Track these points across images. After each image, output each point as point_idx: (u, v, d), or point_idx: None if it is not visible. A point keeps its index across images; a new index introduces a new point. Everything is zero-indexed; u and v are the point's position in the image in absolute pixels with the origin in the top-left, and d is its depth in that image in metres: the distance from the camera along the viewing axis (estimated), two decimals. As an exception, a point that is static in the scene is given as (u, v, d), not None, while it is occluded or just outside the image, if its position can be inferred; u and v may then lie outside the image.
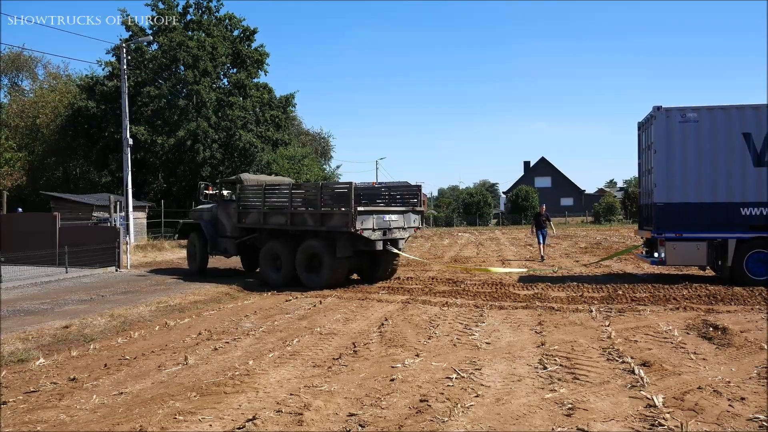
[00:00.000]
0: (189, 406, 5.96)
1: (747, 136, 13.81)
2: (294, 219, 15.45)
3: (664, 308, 11.09)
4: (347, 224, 14.18)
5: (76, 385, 6.88)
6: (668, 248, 14.13)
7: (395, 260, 16.50)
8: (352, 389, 6.46)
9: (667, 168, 14.22)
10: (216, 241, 17.85)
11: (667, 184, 14.21)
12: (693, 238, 14.00)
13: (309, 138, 59.84)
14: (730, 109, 14.00)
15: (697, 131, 14.06)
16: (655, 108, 14.39)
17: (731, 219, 13.77)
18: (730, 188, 13.86)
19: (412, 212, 16.04)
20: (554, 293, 13.21)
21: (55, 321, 10.57)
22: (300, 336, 9.22)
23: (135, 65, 37.83)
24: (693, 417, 5.37)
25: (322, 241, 14.96)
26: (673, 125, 14.16)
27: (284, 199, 15.94)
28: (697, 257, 14.12)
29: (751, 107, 13.91)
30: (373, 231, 14.67)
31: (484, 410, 5.70)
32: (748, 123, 13.84)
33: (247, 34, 42.45)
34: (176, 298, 13.35)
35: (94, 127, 38.81)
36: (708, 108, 14.09)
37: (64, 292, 14.30)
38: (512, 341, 8.69)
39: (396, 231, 15.44)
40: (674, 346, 8.09)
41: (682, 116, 14.12)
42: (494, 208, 76.48)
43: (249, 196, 16.85)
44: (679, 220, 14.07)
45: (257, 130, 40.93)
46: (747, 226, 13.72)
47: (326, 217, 14.73)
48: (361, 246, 14.88)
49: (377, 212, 14.98)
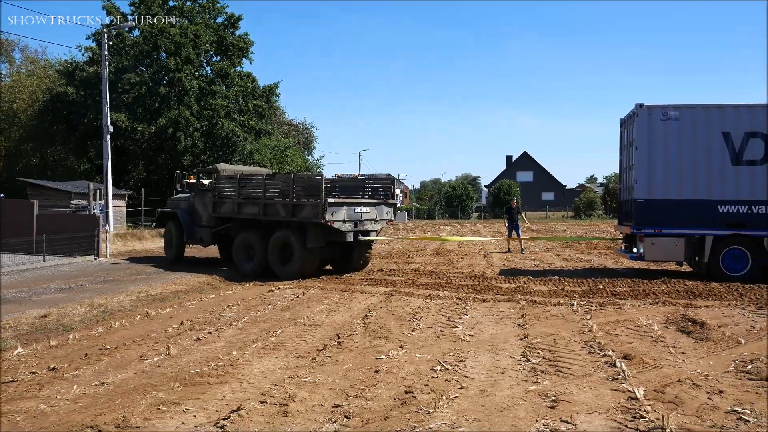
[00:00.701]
0: (172, 396, 5.91)
1: (726, 135, 14.01)
2: (267, 209, 15.63)
3: (644, 303, 11.20)
4: (318, 215, 14.36)
5: (56, 375, 6.80)
6: (647, 244, 14.31)
7: (368, 252, 16.80)
8: (336, 380, 6.45)
9: (647, 165, 14.38)
10: (192, 230, 17.95)
11: (647, 181, 14.38)
12: (671, 234, 14.20)
13: (292, 128, 59.51)
14: (711, 108, 14.18)
15: (678, 129, 14.23)
16: (638, 105, 14.54)
17: (709, 216, 13.98)
18: (709, 186, 14.06)
19: (384, 205, 16.24)
20: (536, 287, 13.29)
21: (33, 310, 10.43)
22: (283, 327, 9.19)
23: (116, 51, 37.33)
24: (674, 409, 5.44)
25: (293, 231, 15.10)
26: (655, 123, 14.32)
27: (258, 190, 16.08)
28: (675, 253, 14.35)
29: (730, 107, 14.11)
30: (344, 222, 14.87)
31: (468, 402, 5.72)
32: (728, 122, 14.04)
33: (232, 21, 42.01)
34: (157, 287, 13.25)
35: (73, 114, 38.25)
36: (689, 106, 14.27)
37: (42, 280, 14.12)
38: (495, 334, 8.73)
39: (367, 223, 15.64)
40: (654, 340, 8.19)
41: (664, 114, 14.28)
42: (476, 202, 76.71)
43: (224, 186, 16.98)
44: (659, 217, 14.25)
45: (240, 119, 40.61)
46: (724, 224, 13.93)
47: (298, 207, 14.92)
48: (333, 237, 15.06)
49: (348, 204, 15.20)
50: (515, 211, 22.83)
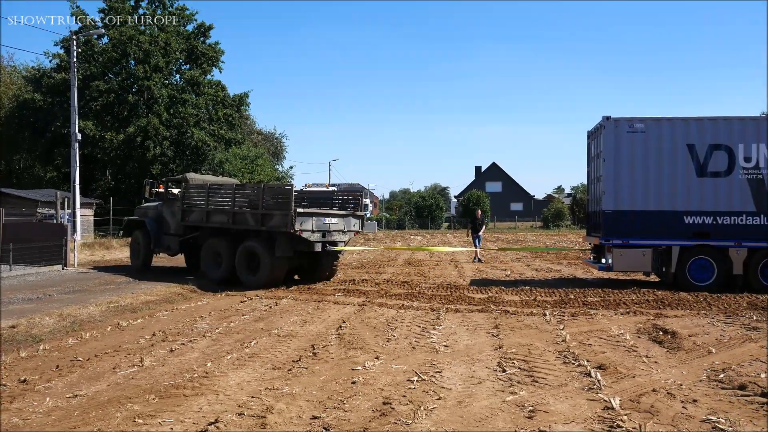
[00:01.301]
0: (148, 409, 5.83)
1: (691, 147, 14.35)
2: (236, 218, 15.75)
3: (615, 312, 11.37)
4: (287, 225, 14.52)
5: (28, 387, 6.65)
6: (615, 254, 14.54)
7: (335, 262, 17.02)
8: (313, 392, 6.42)
9: (615, 176, 14.64)
10: (160, 238, 17.98)
11: (614, 192, 14.63)
12: (639, 245, 14.45)
13: (262, 138, 59.32)
14: (675, 121, 14.51)
15: (644, 141, 14.51)
16: (604, 118, 14.82)
17: (675, 227, 14.27)
18: (675, 197, 14.36)
19: (352, 216, 16.61)
20: (508, 297, 13.40)
21: (1, 320, 10.20)
22: (257, 338, 9.13)
23: (84, 58, 36.86)
24: (650, 419, 5.52)
25: (262, 240, 15.27)
26: (621, 135, 14.59)
27: (227, 199, 16.19)
28: (642, 263, 14.59)
29: (694, 119, 14.46)
30: (313, 232, 15.07)
31: (447, 413, 5.74)
32: (692, 134, 14.37)
33: (203, 30, 41.81)
34: (127, 297, 13.04)
35: (40, 121, 37.64)
36: (655, 119, 14.58)
37: (9, 290, 13.81)
38: (470, 344, 8.78)
39: (335, 234, 15.88)
40: (627, 350, 8.31)
41: (630, 126, 14.56)
42: (446, 212, 77.11)
43: (193, 195, 17.06)
44: (626, 228, 14.49)
45: (210, 128, 40.35)
46: (690, 234, 14.24)
47: (267, 217, 15.03)
48: (301, 247, 15.21)
49: (317, 215, 15.45)
50: (480, 222, 23.51)
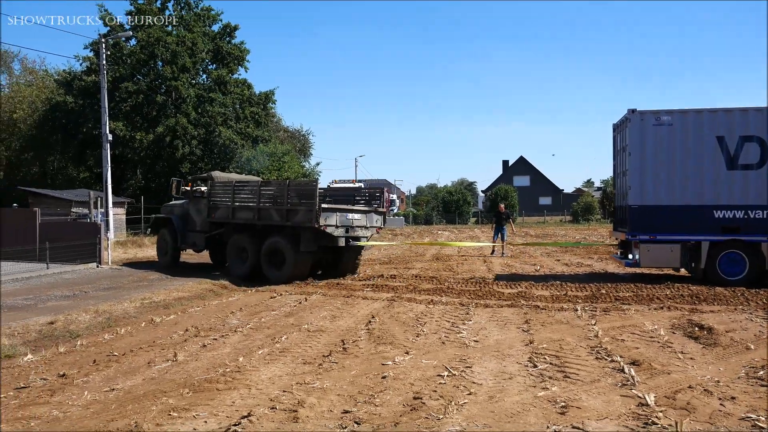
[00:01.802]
0: (182, 402, 5.92)
1: (720, 139, 14.01)
2: (261, 214, 16.06)
3: (648, 308, 11.22)
4: (311, 220, 14.81)
5: (67, 381, 6.81)
6: (642, 250, 14.30)
7: (358, 257, 17.38)
8: (344, 386, 6.46)
9: (641, 170, 14.39)
10: (186, 235, 18.36)
11: (641, 187, 14.38)
12: (667, 240, 14.20)
13: (288, 135, 59.54)
14: (704, 113, 14.18)
15: (670, 134, 14.23)
16: (630, 111, 14.56)
17: (704, 221, 13.97)
18: (703, 191, 14.06)
19: (374, 213, 16.79)
20: (538, 292, 13.31)
21: (40, 317, 10.43)
22: (288, 333, 9.20)
23: (113, 61, 37.37)
24: (686, 416, 5.43)
25: (286, 236, 15.56)
26: (647, 128, 14.32)
27: (252, 196, 16.53)
28: (670, 259, 14.35)
29: (723, 110, 14.11)
30: (336, 228, 15.39)
31: (478, 408, 5.73)
32: (721, 126, 14.03)
33: (228, 30, 42.14)
34: (160, 294, 13.25)
35: (71, 123, 38.29)
36: (682, 111, 14.28)
37: (46, 288, 14.10)
38: (500, 339, 8.75)
39: (358, 229, 16.16)
40: (661, 346, 8.20)
41: (656, 119, 14.29)
42: (473, 207, 76.76)
43: (219, 193, 17.43)
44: (653, 223, 14.24)
45: (237, 126, 40.66)
46: (720, 229, 13.93)
47: (291, 213, 15.34)
48: (324, 242, 15.52)
49: (340, 210, 15.72)
50: (503, 216, 23.35)
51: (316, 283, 15.25)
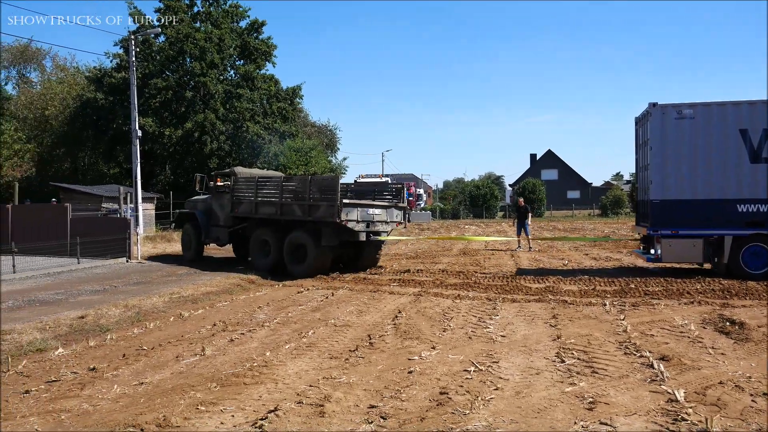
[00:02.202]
0: (210, 396, 5.98)
1: (743, 132, 13.78)
2: (283, 209, 16.32)
3: (679, 302, 11.05)
4: (333, 215, 15.02)
5: (96, 375, 6.91)
6: (664, 245, 14.14)
7: (378, 252, 17.67)
8: (370, 381, 6.47)
9: (662, 165, 14.22)
10: (209, 229, 18.74)
11: (662, 181, 14.22)
12: (689, 235, 14.00)
13: (315, 130, 59.73)
14: (727, 105, 13.96)
15: (693, 128, 14.01)
16: (651, 105, 14.38)
17: (727, 216, 13.77)
18: (727, 185, 13.84)
19: (395, 208, 17.07)
20: (566, 286, 13.19)
21: (71, 311, 10.62)
22: (315, 328, 9.24)
23: (143, 57, 37.80)
24: (716, 412, 5.34)
25: (308, 230, 15.83)
26: (669, 122, 14.13)
27: (275, 191, 16.78)
28: (693, 254, 14.16)
29: (747, 103, 13.87)
30: (357, 222, 15.60)
31: (504, 403, 5.70)
32: (745, 119, 13.80)
33: (255, 26, 42.35)
34: (188, 289, 13.39)
35: (102, 119, 38.83)
36: (704, 104, 14.06)
37: (77, 282, 14.34)
38: (527, 334, 8.68)
39: (379, 224, 16.40)
40: (691, 341, 8.07)
41: (678, 113, 14.09)
42: (501, 201, 76.30)
43: (242, 188, 17.72)
44: (675, 217, 14.07)
45: (264, 122, 40.87)
46: (743, 223, 13.72)
47: (313, 208, 15.56)
48: (346, 237, 15.79)
49: (361, 205, 15.96)
50: (523, 210, 23.31)
51: (343, 277, 15.31)
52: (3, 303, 11.52)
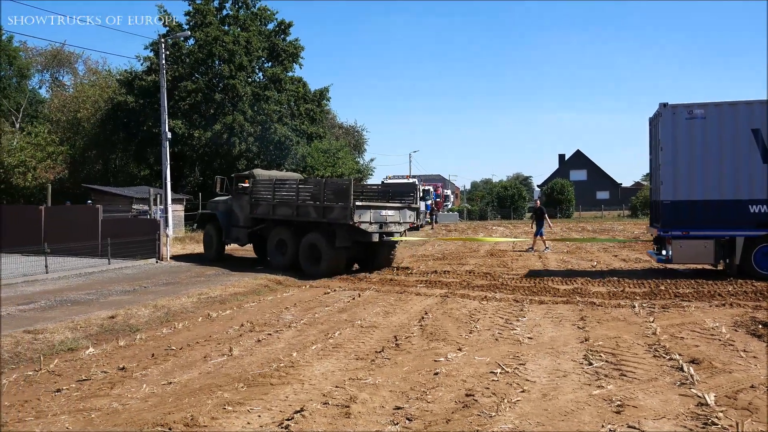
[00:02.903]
0: (237, 396, 6.03)
1: (756, 131, 13.64)
2: (299, 211, 16.79)
3: (710, 304, 10.87)
4: (346, 217, 15.42)
5: (126, 374, 7.02)
6: (675, 246, 14.06)
7: (392, 252, 17.81)
8: (396, 382, 6.47)
9: (673, 165, 14.12)
10: (230, 230, 19.25)
11: (673, 182, 14.14)
12: (700, 236, 13.91)
13: (343, 131, 59.94)
14: (738, 105, 13.82)
15: (703, 128, 13.91)
16: (662, 105, 14.29)
17: (739, 216, 13.65)
18: (738, 185, 13.72)
19: (408, 209, 17.39)
20: (594, 288, 13.06)
21: (101, 311, 10.79)
22: (341, 329, 9.27)
23: (172, 60, 38.24)
24: (748, 416, 5.25)
25: (323, 231, 16.26)
26: (680, 122, 14.04)
27: (292, 193, 17.27)
28: (704, 255, 14.04)
29: (759, 102, 13.73)
30: (370, 224, 15.89)
31: (531, 406, 5.66)
32: (757, 118, 13.66)
33: (283, 27, 42.59)
34: (217, 289, 13.52)
35: (132, 121, 39.34)
36: (715, 104, 13.94)
37: (108, 282, 14.57)
38: (555, 336, 8.61)
39: (392, 225, 16.65)
40: (723, 344, 7.93)
41: (689, 113, 14.00)
42: (529, 202, 75.73)
43: (260, 190, 18.24)
44: (686, 218, 13.98)
45: (292, 123, 41.09)
46: (755, 224, 13.59)
47: (328, 210, 16.00)
48: (359, 237, 16.04)
49: (374, 207, 16.26)
50: (540, 212, 23.36)
51: (370, 278, 15.35)
52: (36, 303, 11.75)
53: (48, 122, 44.15)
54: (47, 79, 55.46)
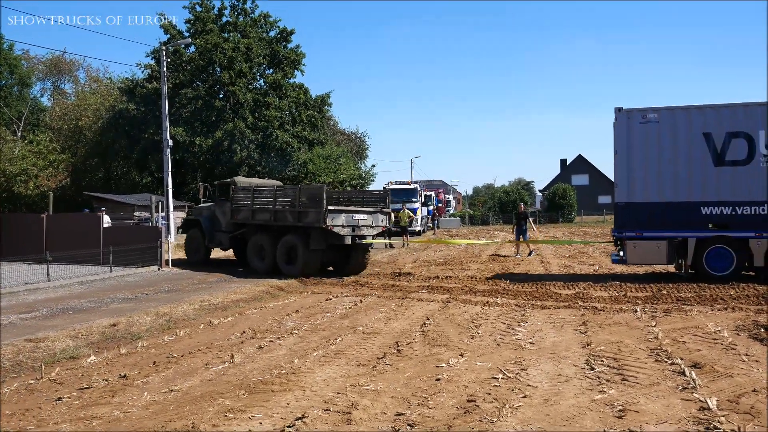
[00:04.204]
0: (238, 404, 6.02)
1: (707, 135, 14.04)
2: (277, 216, 17.64)
3: (712, 308, 10.86)
4: (319, 221, 16.29)
5: (127, 382, 7.00)
6: (629, 247, 14.48)
7: (366, 255, 18.49)
8: (398, 388, 6.45)
9: (628, 168, 14.52)
10: (213, 235, 20.13)
11: (628, 184, 14.53)
12: (653, 237, 14.27)
13: (344, 137, 60.02)
14: (691, 110, 14.21)
15: (657, 132, 14.32)
16: (617, 109, 14.67)
17: (692, 218, 14.04)
18: (691, 188, 14.11)
19: (380, 213, 18.20)
20: (596, 293, 13.04)
21: (103, 319, 10.78)
22: (343, 335, 9.25)
23: (173, 67, 38.37)
24: (750, 420, 5.23)
25: (299, 235, 17.13)
26: (634, 126, 14.45)
27: (270, 199, 18.04)
28: (657, 256, 14.39)
29: (710, 107, 14.11)
30: (343, 227, 16.82)
31: (532, 411, 5.65)
32: (709, 123, 14.04)
33: (284, 35, 42.73)
34: (218, 296, 13.52)
35: (134, 129, 39.47)
36: (668, 108, 14.34)
37: (110, 290, 14.57)
38: (557, 341, 8.60)
39: (364, 228, 17.60)
40: (725, 348, 7.91)
41: (643, 117, 14.41)
42: (530, 207, 75.68)
43: (241, 196, 18.97)
44: (640, 220, 14.39)
45: (293, 130, 41.18)
46: (707, 225, 13.97)
47: (303, 214, 16.89)
48: (332, 240, 16.89)
49: (346, 211, 17.23)
50: (522, 216, 23.64)
51: (372, 284, 15.34)
52: (37, 311, 11.75)
53: (49, 130, 44.23)
54: (49, 88, 55.65)
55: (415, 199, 38.29)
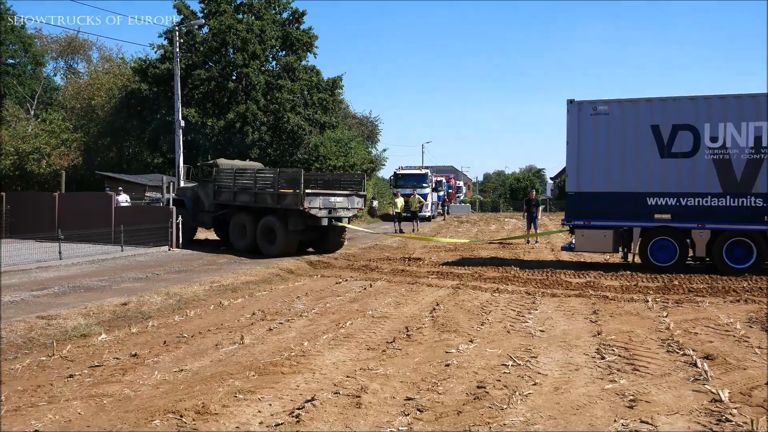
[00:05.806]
0: (248, 385, 6.04)
1: (655, 128, 14.23)
2: (257, 197, 18.29)
3: (724, 300, 10.79)
4: (297, 203, 16.89)
5: (138, 361, 7.04)
6: (578, 235, 14.90)
7: (342, 235, 19.45)
8: (407, 373, 6.45)
9: (578, 159, 14.81)
10: (196, 214, 20.84)
11: (577, 174, 14.85)
12: (600, 226, 14.56)
13: (356, 121, 59.77)
14: (639, 102, 14.43)
15: (607, 123, 14.55)
16: (568, 101, 14.89)
17: (637, 208, 14.32)
18: (638, 179, 14.35)
19: (355, 196, 18.97)
20: (607, 282, 12.98)
21: (114, 298, 10.84)
22: (352, 318, 9.26)
23: (186, 48, 38.22)
24: (762, 413, 5.18)
25: (278, 216, 17.79)
26: (585, 118, 14.70)
27: (251, 181, 18.67)
28: (603, 244, 14.71)
29: (659, 100, 14.29)
30: (320, 209, 17.60)
31: (542, 399, 5.63)
32: (657, 115, 14.22)
33: (296, 16, 42.45)
34: (228, 278, 13.56)
35: (146, 109, 39.41)
36: (618, 101, 14.58)
37: (121, 269, 14.64)
38: (567, 329, 8.57)
39: (340, 210, 18.39)
40: (737, 340, 7.85)
41: (594, 109, 14.66)
42: (541, 194, 75.39)
43: (223, 178, 19.63)
44: (589, 209, 14.66)
45: (305, 112, 41.01)
46: (652, 215, 14.21)
47: (281, 197, 17.44)
48: (310, 222, 17.68)
49: (323, 194, 18.02)
50: (533, 203, 23.47)
51: (382, 269, 15.34)
52: (49, 289, 11.82)
53: (62, 109, 44.29)
54: (62, 67, 55.68)
55: (425, 184, 38.23)
